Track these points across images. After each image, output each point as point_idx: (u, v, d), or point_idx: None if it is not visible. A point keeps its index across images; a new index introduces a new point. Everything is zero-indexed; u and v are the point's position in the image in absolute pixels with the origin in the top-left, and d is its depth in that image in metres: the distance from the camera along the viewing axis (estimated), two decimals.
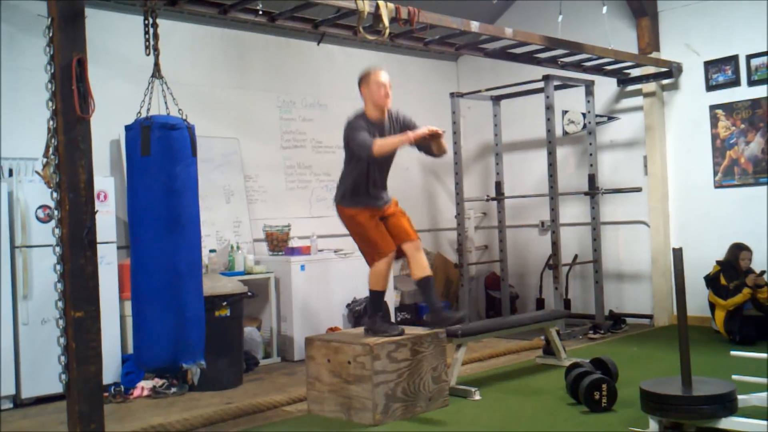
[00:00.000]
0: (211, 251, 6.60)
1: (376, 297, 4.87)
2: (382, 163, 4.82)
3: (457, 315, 4.97)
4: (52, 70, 3.55)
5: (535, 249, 8.89)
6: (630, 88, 8.15)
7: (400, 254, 4.89)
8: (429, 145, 4.82)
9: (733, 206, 7.39)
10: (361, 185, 4.77)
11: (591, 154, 7.87)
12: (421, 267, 4.84)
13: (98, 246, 3.68)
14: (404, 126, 4.88)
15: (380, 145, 4.57)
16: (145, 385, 5.58)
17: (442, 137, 4.68)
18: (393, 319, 7.46)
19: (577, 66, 7.51)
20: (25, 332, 5.45)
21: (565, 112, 7.98)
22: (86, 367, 3.54)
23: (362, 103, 4.85)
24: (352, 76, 5.01)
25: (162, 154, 3.86)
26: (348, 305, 7.14)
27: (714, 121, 7.53)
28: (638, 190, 7.81)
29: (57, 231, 3.60)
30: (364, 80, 4.82)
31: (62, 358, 3.57)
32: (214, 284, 5.74)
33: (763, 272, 6.65)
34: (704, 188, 7.61)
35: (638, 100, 8.06)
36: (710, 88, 7.54)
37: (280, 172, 7.76)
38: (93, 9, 5.64)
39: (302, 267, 6.88)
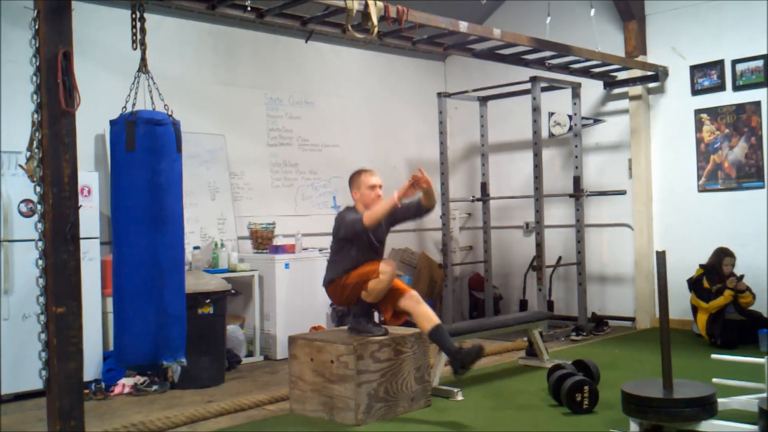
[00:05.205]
0: (195, 248, 6.56)
1: (366, 306, 4.84)
2: (378, 237, 4.82)
3: (474, 348, 4.54)
4: (38, 63, 3.51)
5: (520, 250, 8.91)
6: (616, 91, 8.19)
7: (402, 314, 4.81)
8: (417, 202, 4.80)
9: (716, 210, 7.44)
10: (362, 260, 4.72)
11: (576, 157, 7.91)
12: (428, 318, 4.67)
13: (81, 241, 3.64)
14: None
15: (369, 215, 4.52)
16: (126, 383, 5.54)
17: (427, 183, 4.55)
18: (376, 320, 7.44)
19: (564, 68, 7.54)
20: (6, 327, 5.39)
21: (551, 114, 8.01)
22: (67, 363, 3.51)
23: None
24: (340, 75, 5.01)
25: (147, 150, 3.83)
26: (332, 304, 7.11)
27: (699, 126, 7.57)
28: (623, 192, 7.86)
29: (40, 225, 3.56)
30: (354, 183, 4.85)
31: (43, 354, 3.53)
32: (197, 281, 5.72)
33: (742, 276, 6.71)
34: (688, 192, 7.66)
35: (624, 103, 8.10)
36: (695, 92, 7.59)
37: (265, 170, 7.73)
38: (80, 2, 5.59)
39: (286, 265, 6.86)
